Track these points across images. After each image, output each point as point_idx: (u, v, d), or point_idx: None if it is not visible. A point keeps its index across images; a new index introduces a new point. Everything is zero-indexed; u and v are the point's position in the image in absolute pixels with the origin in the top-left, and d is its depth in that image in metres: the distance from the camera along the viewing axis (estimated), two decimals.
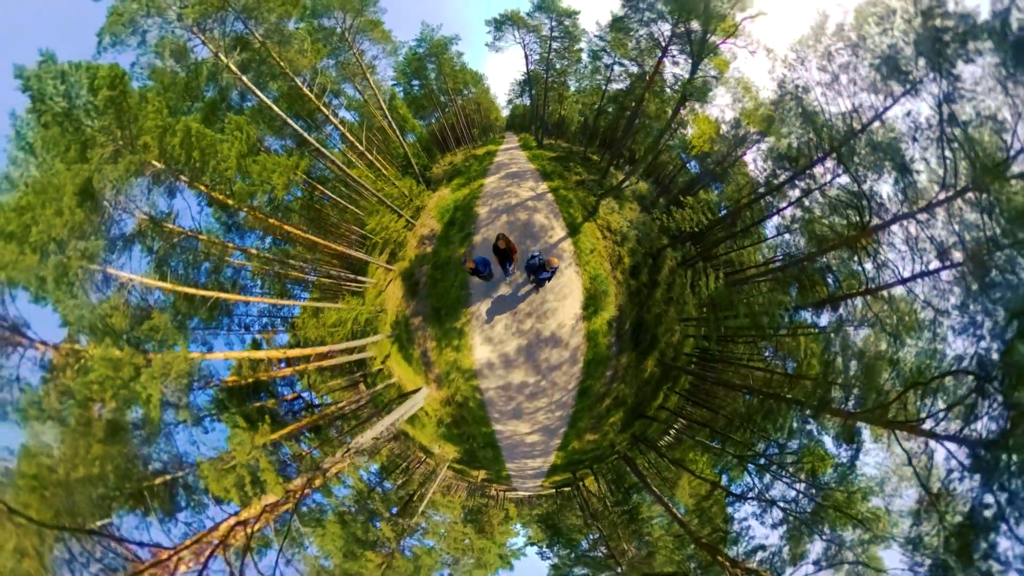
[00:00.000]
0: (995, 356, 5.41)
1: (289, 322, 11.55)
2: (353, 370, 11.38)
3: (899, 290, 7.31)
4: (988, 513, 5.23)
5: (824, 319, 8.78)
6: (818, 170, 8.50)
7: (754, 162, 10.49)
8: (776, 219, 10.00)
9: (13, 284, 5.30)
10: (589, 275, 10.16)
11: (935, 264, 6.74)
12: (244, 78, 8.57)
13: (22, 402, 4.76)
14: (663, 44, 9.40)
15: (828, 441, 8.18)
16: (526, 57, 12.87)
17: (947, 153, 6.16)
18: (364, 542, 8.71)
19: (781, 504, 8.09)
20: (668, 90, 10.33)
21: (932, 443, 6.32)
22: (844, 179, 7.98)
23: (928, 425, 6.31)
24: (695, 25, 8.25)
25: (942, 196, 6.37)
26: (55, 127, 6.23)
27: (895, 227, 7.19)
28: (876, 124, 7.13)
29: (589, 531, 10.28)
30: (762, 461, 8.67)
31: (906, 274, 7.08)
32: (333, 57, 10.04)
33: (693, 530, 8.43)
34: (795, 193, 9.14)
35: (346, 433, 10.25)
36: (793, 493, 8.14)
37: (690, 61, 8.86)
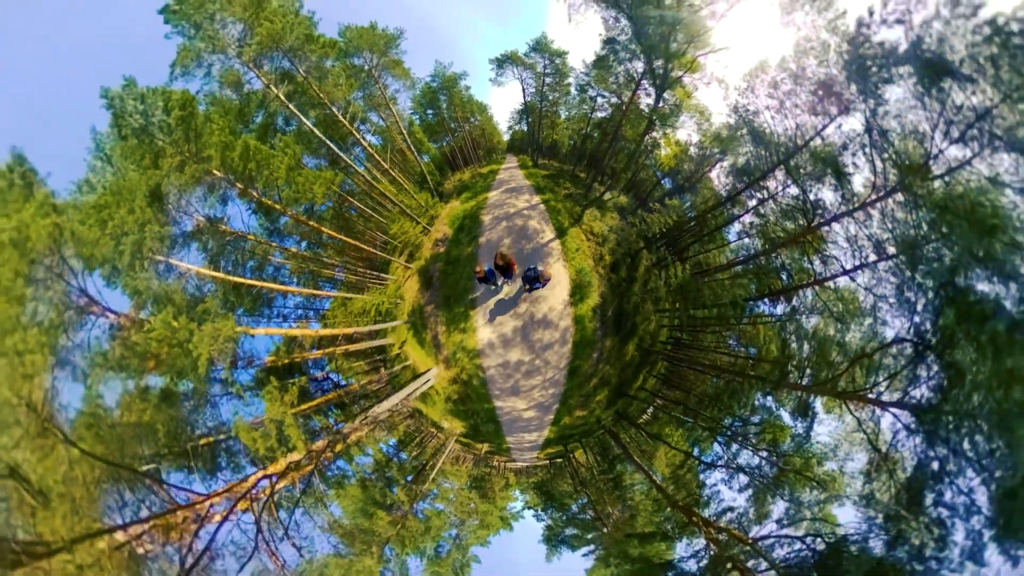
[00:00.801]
0: (928, 326, 5.40)
1: (321, 314, 11.65)
2: (374, 356, 11.40)
3: (843, 281, 7.34)
4: (933, 466, 5.13)
5: (779, 309, 8.80)
6: (770, 182, 8.64)
7: (718, 177, 10.68)
8: (737, 226, 10.11)
9: (91, 265, 5.45)
10: (575, 268, 10.27)
11: (873, 257, 6.79)
12: (291, 106, 8.94)
13: (90, 354, 4.84)
14: (637, 79, 9.72)
15: (786, 415, 8.10)
16: (523, 90, 13.24)
17: (877, 161, 6.30)
18: (382, 504, 8.58)
19: (746, 470, 7.96)
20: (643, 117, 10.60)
21: (879, 410, 6.24)
22: (793, 189, 8.12)
23: (874, 394, 6.24)
24: (659, 62, 8.54)
25: (874, 197, 6.48)
26: (133, 139, 6.51)
27: (836, 226, 7.26)
28: (817, 140, 7.30)
29: (578, 496, 10.09)
30: (729, 433, 8.57)
31: (848, 266, 7.12)
32: (362, 90, 10.42)
33: (670, 495, 8.29)
34: (752, 203, 9.27)
35: (367, 408, 10.21)
36: (757, 461, 8.03)
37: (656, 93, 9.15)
